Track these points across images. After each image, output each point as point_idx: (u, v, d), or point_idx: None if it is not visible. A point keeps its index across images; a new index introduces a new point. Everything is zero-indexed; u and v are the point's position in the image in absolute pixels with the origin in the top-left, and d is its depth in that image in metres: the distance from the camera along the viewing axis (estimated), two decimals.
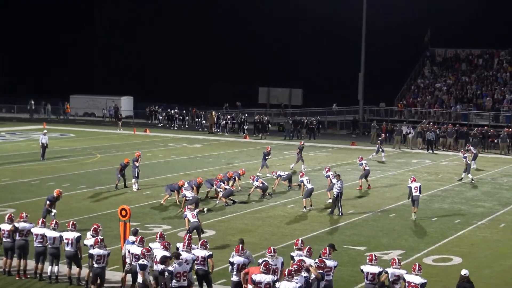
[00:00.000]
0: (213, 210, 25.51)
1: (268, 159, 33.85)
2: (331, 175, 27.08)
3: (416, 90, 60.80)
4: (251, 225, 23.46)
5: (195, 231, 19.83)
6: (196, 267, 15.62)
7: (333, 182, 26.00)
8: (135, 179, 28.89)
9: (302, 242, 15.67)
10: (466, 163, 33.05)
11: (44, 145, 37.08)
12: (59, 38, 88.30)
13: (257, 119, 53.04)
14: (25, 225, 17.47)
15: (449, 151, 44.77)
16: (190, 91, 77.69)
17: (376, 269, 14.68)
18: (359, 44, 57.26)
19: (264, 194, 27.81)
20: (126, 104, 67.34)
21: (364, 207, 26.67)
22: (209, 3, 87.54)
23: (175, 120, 58.94)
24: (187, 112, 60.72)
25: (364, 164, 30.61)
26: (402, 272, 14.51)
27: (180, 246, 15.76)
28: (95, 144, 44.88)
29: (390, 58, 71.95)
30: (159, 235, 16.40)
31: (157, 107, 63.33)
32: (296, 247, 15.59)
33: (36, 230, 17.24)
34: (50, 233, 17.04)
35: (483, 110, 55.19)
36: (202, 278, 15.71)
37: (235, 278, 14.94)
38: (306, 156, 37.41)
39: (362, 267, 14.93)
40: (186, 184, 26.14)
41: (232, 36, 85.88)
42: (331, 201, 26.05)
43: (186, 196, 25.10)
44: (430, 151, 44.24)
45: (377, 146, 39.89)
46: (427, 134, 44.92)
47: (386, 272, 14.60)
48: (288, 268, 13.86)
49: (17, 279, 17.25)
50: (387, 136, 47.30)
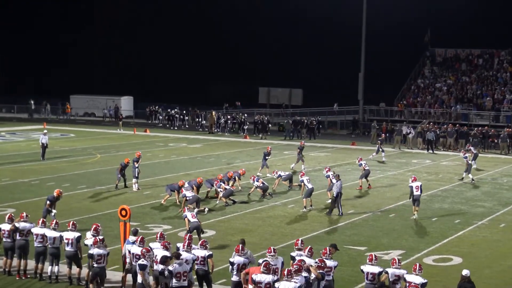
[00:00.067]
0: (213, 210, 25.51)
1: (268, 159, 33.85)
2: (331, 175, 27.08)
3: (416, 90, 60.79)
4: (251, 225, 23.45)
5: (195, 231, 19.84)
6: (196, 267, 15.62)
7: (333, 182, 26.00)
8: (135, 179, 28.89)
9: (302, 242, 15.67)
10: (467, 163, 33.06)
11: (44, 145, 37.08)
12: (59, 38, 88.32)
13: (257, 119, 53.05)
14: (25, 225, 17.47)
15: (449, 151, 44.76)
16: (190, 91, 77.69)
17: (376, 269, 14.68)
18: (359, 44, 57.25)
19: (264, 194, 27.81)
20: (126, 104, 67.35)
21: (364, 207, 26.67)
22: (209, 3, 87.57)
23: (175, 120, 58.94)
24: (187, 112, 60.74)
25: (363, 164, 30.61)
26: (402, 272, 14.51)
27: (181, 246, 15.77)
28: (95, 144, 44.88)
29: (390, 58, 71.97)
30: (159, 235, 16.40)
31: (157, 107, 63.34)
32: (296, 247, 15.59)
33: (36, 230, 17.24)
34: (50, 233, 17.04)
35: (483, 110, 55.18)
36: (202, 278, 15.71)
37: (235, 278, 14.94)
38: (306, 156, 37.42)
39: (362, 267, 14.93)
40: (186, 184, 26.14)
41: (232, 36, 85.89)
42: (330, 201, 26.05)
43: (186, 196, 25.12)
44: (430, 151, 44.24)
45: (377, 146, 39.88)
46: (427, 134, 44.92)
47: (386, 272, 14.60)
48: (288, 268, 13.87)
49: (17, 279, 17.25)
50: (387, 136, 47.30)
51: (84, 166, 35.47)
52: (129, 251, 16.00)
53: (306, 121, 52.54)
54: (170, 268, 14.61)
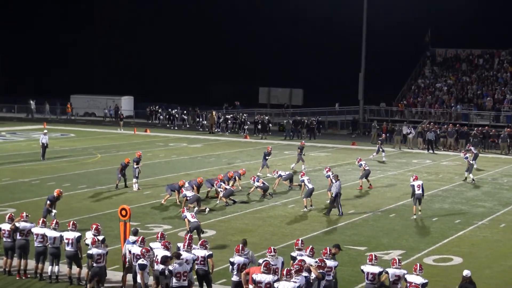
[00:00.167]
0: (213, 210, 25.50)
1: (269, 159, 33.84)
2: (331, 175, 27.07)
3: (416, 90, 60.78)
4: (252, 225, 23.45)
5: (195, 231, 19.83)
6: (196, 267, 15.62)
7: (333, 183, 25.99)
8: (135, 179, 28.88)
9: (302, 242, 15.68)
10: (468, 163, 33.08)
11: (45, 145, 37.07)
12: (59, 38, 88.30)
13: (257, 119, 53.04)
14: (25, 224, 17.46)
15: (449, 151, 44.75)
16: (190, 91, 77.68)
17: (376, 269, 14.68)
18: (359, 44, 57.22)
19: (264, 194, 27.80)
20: (126, 104, 67.34)
21: (364, 207, 26.66)
22: (209, 3, 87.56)
23: (176, 120, 58.93)
24: (188, 112, 60.73)
25: (363, 165, 30.60)
26: (402, 272, 14.50)
27: (181, 246, 15.77)
28: (95, 144, 44.87)
29: (390, 58, 71.97)
30: (159, 235, 16.39)
31: (157, 107, 63.32)
32: (296, 247, 15.60)
33: (36, 230, 17.23)
34: (50, 233, 17.03)
35: (483, 110, 55.17)
36: (202, 278, 15.70)
37: (235, 278, 14.93)
38: (306, 156, 37.41)
39: (362, 267, 14.93)
40: (187, 184, 26.14)
41: (232, 36, 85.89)
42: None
43: (186, 196, 25.13)
44: (430, 151, 44.23)
45: (377, 146, 39.88)
46: (427, 134, 44.91)
47: (386, 272, 14.60)
48: (288, 268, 13.87)
49: (17, 278, 17.25)
50: (388, 136, 47.30)
51: (85, 166, 35.47)
52: (129, 251, 16.00)
53: (306, 121, 52.53)
54: (170, 268, 14.61)
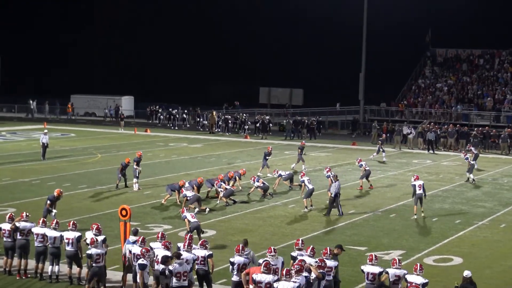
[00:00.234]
0: (213, 210, 25.50)
1: (269, 159, 33.83)
2: (331, 175, 27.05)
3: (417, 90, 60.78)
4: (252, 225, 23.44)
5: (195, 231, 19.83)
6: (197, 267, 15.61)
7: (333, 182, 25.98)
8: (135, 179, 28.88)
9: (303, 242, 15.68)
10: (469, 163, 33.10)
11: (45, 144, 37.06)
12: (59, 38, 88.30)
13: (257, 119, 53.05)
14: (25, 224, 17.46)
15: (450, 151, 44.75)
16: (190, 91, 77.68)
17: (376, 269, 14.68)
18: (359, 44, 57.21)
19: (265, 194, 27.79)
20: (127, 104, 67.34)
21: (364, 207, 26.66)
22: (209, 3, 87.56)
23: (176, 119, 58.91)
24: (188, 112, 60.73)
25: (364, 165, 30.59)
26: (402, 272, 14.49)
27: (181, 245, 15.76)
28: (95, 144, 44.87)
29: (390, 58, 71.97)
30: (160, 235, 16.39)
31: (157, 107, 63.32)
32: (296, 247, 15.60)
33: (36, 230, 17.23)
34: (50, 232, 17.03)
35: (484, 110, 55.16)
36: (202, 278, 15.70)
37: (235, 278, 14.93)
38: (306, 156, 37.40)
39: (362, 267, 14.92)
40: (187, 184, 26.15)
41: (232, 36, 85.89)
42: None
43: (186, 196, 25.14)
44: (431, 151, 44.23)
45: (378, 146, 39.88)
46: (427, 134, 44.90)
47: (386, 272, 14.59)
48: (287, 268, 13.87)
49: (17, 278, 17.24)
50: (388, 136, 47.29)
51: (85, 166, 35.46)
52: (129, 251, 16.00)
53: (306, 121, 52.53)
54: (171, 267, 14.61)
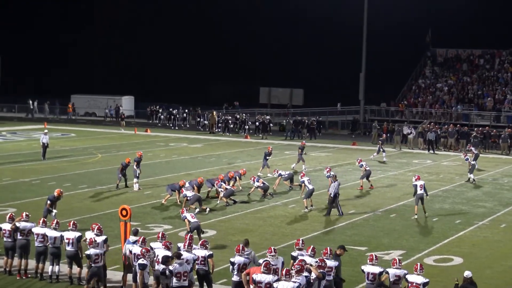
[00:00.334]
0: (214, 210, 25.49)
1: (269, 159, 33.82)
2: (331, 175, 27.04)
3: (417, 90, 60.77)
4: (252, 225, 23.44)
5: (195, 231, 19.82)
6: (197, 267, 15.61)
7: (332, 182, 25.97)
8: (136, 179, 28.88)
9: (303, 242, 15.68)
10: (469, 164, 33.11)
11: (45, 144, 37.06)
12: (59, 38, 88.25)
13: (258, 119, 53.05)
14: (26, 224, 17.46)
15: (450, 152, 44.75)
16: (190, 91, 77.65)
17: (377, 269, 14.68)
18: (359, 44, 57.18)
19: (265, 194, 27.78)
20: (127, 103, 67.35)
21: (365, 207, 26.66)
22: (209, 3, 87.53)
23: (177, 119, 58.88)
24: (189, 112, 60.73)
25: (364, 165, 30.58)
26: (402, 272, 14.49)
27: (181, 245, 15.76)
28: (96, 144, 44.86)
29: (390, 58, 71.93)
30: (160, 235, 16.38)
31: (158, 107, 63.30)
32: (296, 247, 15.59)
33: (37, 230, 17.23)
34: (51, 232, 17.03)
35: (484, 110, 55.16)
36: (202, 278, 15.70)
37: (235, 278, 14.92)
38: (307, 156, 37.38)
39: (363, 267, 14.92)
40: (187, 184, 26.14)
41: (232, 36, 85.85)
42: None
43: (187, 196, 25.14)
44: (431, 151, 44.23)
45: (378, 146, 39.88)
46: (428, 134, 44.90)
47: (386, 273, 14.60)
48: (287, 268, 13.87)
49: (17, 278, 17.24)
50: (388, 136, 47.29)
51: (85, 166, 35.46)
52: (130, 251, 15.99)
53: (306, 121, 52.52)
54: (171, 268, 14.60)
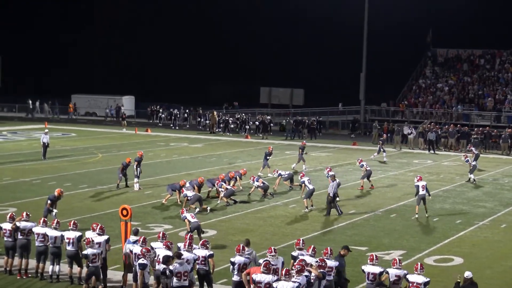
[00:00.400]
0: (214, 209, 25.50)
1: (270, 159, 33.81)
2: (329, 175, 27.03)
3: (417, 90, 60.77)
4: (252, 225, 23.44)
5: (195, 231, 19.82)
6: (198, 266, 15.60)
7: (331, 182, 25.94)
8: (136, 179, 28.88)
9: (303, 242, 15.68)
10: (470, 165, 33.11)
11: (46, 144, 37.06)
12: (59, 38, 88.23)
13: (258, 118, 53.04)
14: (26, 224, 17.46)
15: (450, 152, 44.75)
16: (190, 91, 77.66)
17: (377, 269, 14.68)
18: (359, 44, 57.15)
19: (265, 194, 27.78)
20: (127, 103, 67.38)
21: (365, 207, 26.66)
22: (209, 3, 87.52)
23: (177, 119, 58.88)
24: (189, 112, 60.73)
25: (365, 165, 30.59)
26: (402, 272, 14.49)
27: (182, 245, 15.76)
28: (96, 144, 44.86)
29: (391, 58, 71.92)
30: (161, 235, 16.38)
31: (158, 107, 63.29)
32: (297, 247, 15.59)
33: (37, 230, 17.24)
34: (51, 232, 17.04)
35: (484, 110, 55.16)
36: (203, 278, 15.70)
37: (236, 278, 14.92)
38: (307, 156, 37.36)
39: (363, 267, 14.93)
40: (188, 183, 26.15)
41: (232, 36, 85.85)
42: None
43: (187, 196, 25.14)
44: (431, 151, 44.22)
45: (378, 146, 39.87)
46: (428, 134, 44.89)
47: (387, 273, 14.61)
48: (287, 267, 13.86)
49: (18, 278, 17.25)
50: (389, 136, 47.29)
51: (86, 166, 35.46)
52: (131, 251, 15.99)
53: (307, 121, 52.51)
54: (171, 267, 14.60)
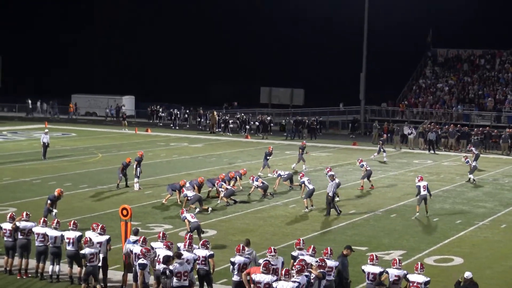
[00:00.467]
0: (214, 209, 25.49)
1: (270, 159, 33.81)
2: (334, 175, 27.02)
3: (417, 90, 60.77)
4: (252, 225, 23.44)
5: (195, 231, 19.81)
6: (198, 266, 15.60)
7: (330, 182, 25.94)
8: (136, 179, 28.87)
9: (303, 242, 15.67)
10: (470, 166, 33.12)
11: (46, 144, 37.05)
12: (59, 38, 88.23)
13: (259, 118, 53.03)
14: (26, 224, 17.45)
15: (450, 152, 44.75)
16: (190, 91, 77.66)
17: (377, 269, 14.69)
18: (359, 44, 57.13)
19: (265, 194, 27.77)
20: (128, 103, 67.40)
21: (365, 207, 26.65)
22: (209, 3, 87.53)
23: (177, 119, 58.88)
24: (190, 112, 60.71)
25: (365, 165, 30.58)
26: (402, 272, 14.49)
27: (181, 245, 15.75)
28: (96, 144, 44.86)
29: (391, 58, 71.92)
30: (161, 235, 16.38)
31: (158, 107, 63.29)
32: (297, 246, 15.59)
33: (37, 229, 17.24)
34: (51, 232, 17.04)
35: (484, 110, 55.16)
36: (203, 278, 15.70)
37: (236, 278, 14.92)
38: (307, 156, 37.34)
39: (363, 267, 14.93)
40: (188, 183, 26.15)
41: (232, 36, 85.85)
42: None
43: (187, 196, 25.14)
44: (431, 151, 44.22)
45: (378, 146, 39.87)
46: (428, 134, 44.89)
47: (386, 273, 14.61)
48: (286, 267, 13.86)
49: (18, 278, 17.24)
50: (389, 136, 47.29)
51: (86, 166, 35.46)
52: (131, 251, 15.99)
53: (307, 121, 52.51)
54: (171, 267, 14.60)
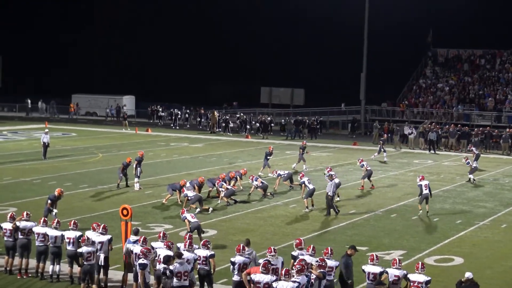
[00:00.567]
0: (215, 209, 25.49)
1: (270, 159, 33.81)
2: (333, 175, 27.02)
3: (418, 90, 60.78)
4: (253, 224, 23.44)
5: (195, 231, 19.81)
6: (198, 266, 15.60)
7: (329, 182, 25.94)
8: (137, 179, 28.87)
9: (304, 242, 15.66)
10: (470, 167, 33.13)
11: (46, 144, 37.06)
12: (59, 38, 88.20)
13: (259, 119, 53.03)
14: (26, 224, 17.45)
15: (451, 152, 44.75)
16: (190, 91, 77.64)
17: (377, 269, 14.68)
18: (359, 44, 57.12)
19: (265, 194, 27.77)
20: (128, 103, 67.43)
21: (365, 207, 26.65)
22: (209, 3, 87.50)
23: (178, 119, 58.88)
24: (190, 112, 60.69)
25: (365, 165, 30.58)
26: (402, 272, 14.48)
27: (181, 246, 15.75)
28: (97, 143, 44.86)
29: (391, 58, 71.87)
30: (162, 235, 16.37)
31: (159, 107, 63.29)
32: (298, 247, 15.57)
33: (37, 229, 17.24)
34: (51, 232, 17.04)
35: (485, 110, 55.16)
36: (203, 278, 15.69)
37: (236, 277, 14.91)
38: (308, 156, 37.36)
39: (363, 267, 14.93)
40: (188, 183, 26.14)
41: (232, 36, 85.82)
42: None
43: (188, 196, 25.13)
44: (432, 151, 44.22)
45: (379, 146, 39.88)
46: (429, 134, 44.89)
47: (386, 272, 14.61)
48: (286, 267, 13.85)
49: (18, 278, 17.24)
50: (389, 136, 47.29)
51: (86, 165, 35.46)
52: (131, 251, 15.99)
53: (307, 121, 52.50)
54: (171, 267, 14.60)
